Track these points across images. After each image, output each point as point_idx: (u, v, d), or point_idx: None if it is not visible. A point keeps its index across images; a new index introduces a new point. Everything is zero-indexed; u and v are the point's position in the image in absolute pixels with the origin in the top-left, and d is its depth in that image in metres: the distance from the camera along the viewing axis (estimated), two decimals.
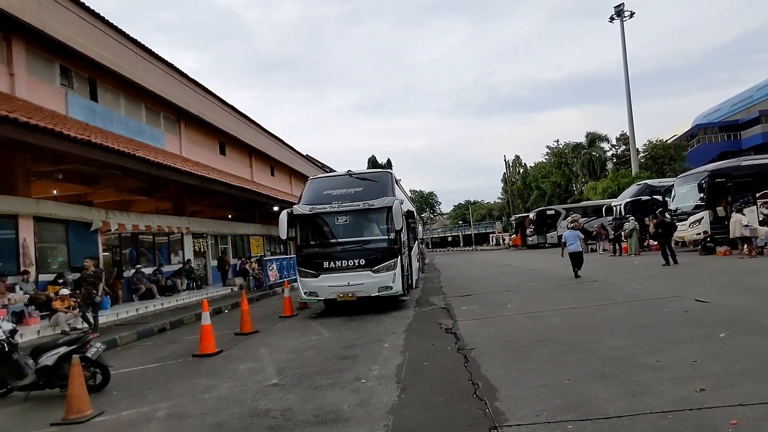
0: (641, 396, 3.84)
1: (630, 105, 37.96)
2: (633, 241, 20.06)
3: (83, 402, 4.75)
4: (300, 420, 4.14)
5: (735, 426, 3.13)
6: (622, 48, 37.69)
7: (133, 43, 17.10)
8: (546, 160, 60.32)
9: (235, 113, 25.71)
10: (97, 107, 15.91)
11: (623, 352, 5.15)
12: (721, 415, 3.32)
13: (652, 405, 3.62)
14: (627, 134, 43.27)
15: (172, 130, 20.68)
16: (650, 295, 8.95)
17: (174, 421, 4.44)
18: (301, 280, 10.72)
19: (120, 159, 12.14)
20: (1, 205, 10.81)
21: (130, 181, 15.84)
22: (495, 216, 79.62)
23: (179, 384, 5.82)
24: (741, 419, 3.21)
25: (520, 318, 7.99)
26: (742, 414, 3.29)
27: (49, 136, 9.77)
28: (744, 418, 3.22)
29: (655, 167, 39.54)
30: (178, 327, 11.12)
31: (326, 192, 11.00)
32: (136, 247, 16.53)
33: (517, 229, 44.06)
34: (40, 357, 5.62)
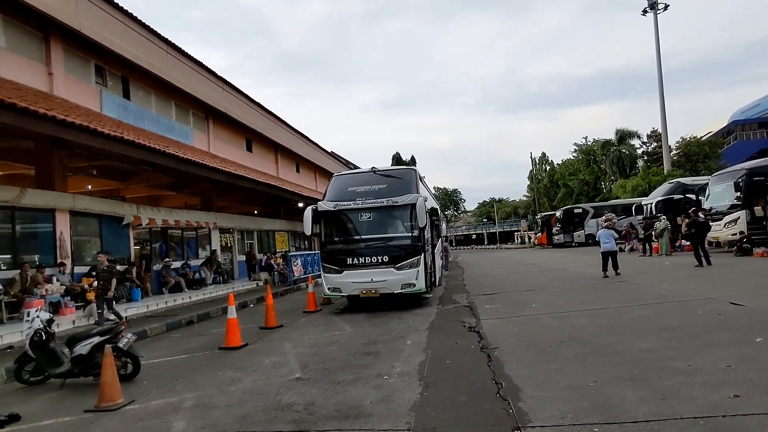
0: (671, 400, 3.73)
1: (663, 101, 36.85)
2: (664, 241, 19.49)
3: (115, 390, 4.92)
4: (323, 414, 4.18)
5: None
6: (655, 42, 36.57)
7: (164, 42, 17.49)
8: (574, 157, 59.18)
9: (261, 110, 26.05)
10: (129, 105, 16.35)
11: (652, 355, 5.02)
12: (755, 423, 3.20)
13: (682, 410, 3.51)
14: (659, 131, 42.10)
15: (201, 127, 21.09)
16: (682, 296, 8.69)
17: (200, 412, 4.54)
18: (325, 276, 10.80)
19: (151, 155, 12.46)
20: (41, 200, 11.26)
21: (160, 176, 16.26)
22: (520, 214, 78.63)
23: (206, 376, 5.95)
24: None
25: (545, 318, 7.87)
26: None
27: (85, 133, 10.11)
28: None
29: (688, 165, 38.35)
30: (205, 320, 11.36)
31: (350, 189, 11.05)
32: (166, 241, 16.95)
33: (542, 227, 43.35)
34: (75, 346, 5.84)
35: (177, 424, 4.24)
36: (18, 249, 11.03)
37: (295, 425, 3.99)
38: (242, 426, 4.07)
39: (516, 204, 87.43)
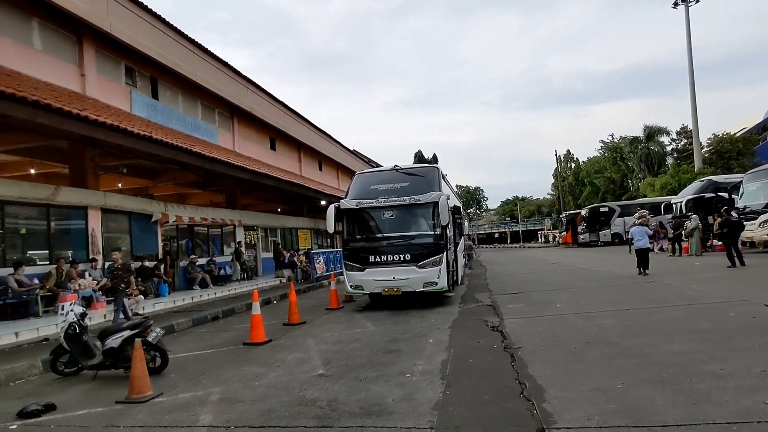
0: (702, 405, 3.63)
1: (694, 96, 35.79)
2: (695, 240, 18.94)
3: (144, 383, 5.05)
4: (346, 411, 4.21)
5: None
6: (686, 35, 35.54)
7: (191, 42, 17.83)
8: (600, 154, 58.01)
9: (284, 109, 26.32)
10: (157, 105, 16.73)
11: (682, 358, 4.89)
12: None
13: (714, 415, 3.42)
14: (689, 127, 40.90)
15: (226, 125, 21.43)
16: (713, 298, 8.43)
17: (226, 405, 4.63)
18: (348, 274, 10.86)
19: (178, 154, 12.73)
20: (74, 197, 11.65)
21: (187, 175, 16.60)
22: (544, 213, 77.46)
23: (231, 370, 6.06)
24: None
25: (570, 318, 7.74)
26: None
27: (116, 133, 10.40)
28: None
29: (720, 162, 37.16)
30: (230, 315, 11.56)
31: (373, 187, 11.07)
32: (192, 238, 17.32)
33: (567, 226, 42.64)
34: (107, 339, 6.03)
35: (204, 417, 4.34)
36: (53, 245, 11.42)
37: (319, 421, 4.03)
38: (267, 420, 4.13)
39: (540, 202, 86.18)
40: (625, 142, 51.79)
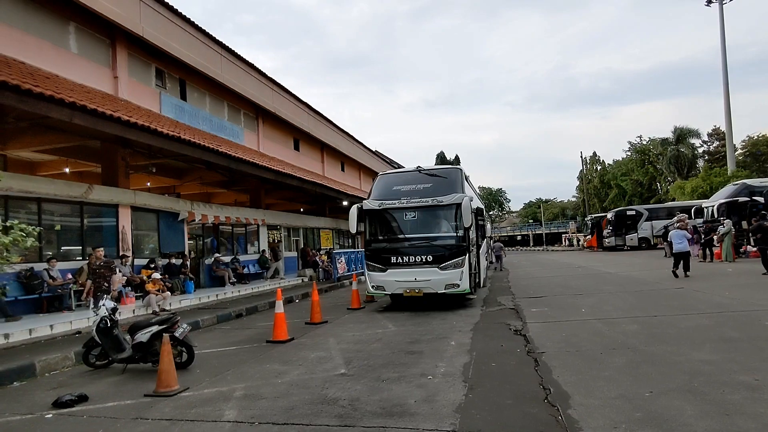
0: (734, 416, 3.53)
1: (727, 97, 34.69)
2: (727, 246, 18.36)
3: (172, 377, 5.18)
4: (367, 411, 4.23)
5: None
6: (720, 34, 34.50)
7: (218, 45, 18.16)
8: (627, 156, 56.79)
9: (308, 110, 26.55)
10: (185, 106, 17.09)
11: (712, 367, 4.76)
12: None
13: (747, 427, 3.32)
14: (722, 129, 39.72)
15: (251, 126, 21.75)
16: (746, 306, 8.17)
17: (249, 402, 4.71)
18: (369, 274, 10.89)
19: (205, 154, 12.98)
20: (106, 195, 12.02)
21: (212, 174, 16.90)
22: (568, 215, 76.23)
23: (254, 367, 6.15)
24: None
25: (595, 323, 7.61)
26: None
27: (146, 133, 10.68)
28: None
29: (755, 165, 36.01)
30: (253, 313, 11.73)
31: (395, 188, 11.08)
32: (217, 236, 17.62)
33: (592, 229, 41.84)
34: (136, 334, 6.20)
35: (228, 413, 4.42)
36: (85, 241, 11.78)
37: (340, 420, 4.06)
38: (289, 418, 4.19)
39: (564, 205, 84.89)
40: (654, 143, 50.64)
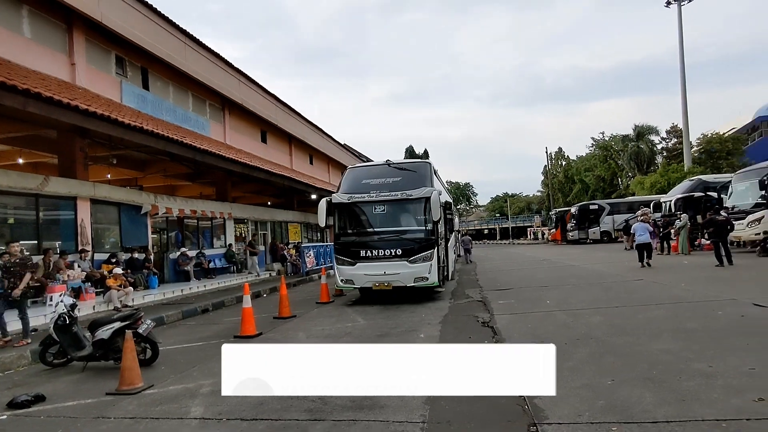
0: (691, 402, 3.68)
1: (685, 95, 36.11)
2: (683, 239, 19.18)
3: (135, 375, 5.02)
4: (337, 405, 4.21)
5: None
6: (678, 34, 35.78)
7: (183, 33, 17.61)
8: (590, 152, 58.42)
9: (276, 102, 26.14)
10: (148, 95, 16.53)
11: (671, 356, 4.95)
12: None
13: (703, 413, 3.47)
14: (679, 126, 41.33)
15: (217, 117, 21.25)
16: (701, 297, 8.55)
17: (217, 398, 4.61)
18: (338, 268, 10.85)
19: (169, 145, 12.61)
20: (64, 187, 11.50)
21: (177, 166, 16.46)
22: (534, 209, 77.96)
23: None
24: None
25: (560, 315, 7.81)
26: None
27: (106, 123, 10.28)
28: None
29: (709, 162, 37.57)
30: (220, 308, 11.51)
31: (365, 181, 11.05)
32: (181, 230, 17.18)
33: (557, 223, 42.94)
34: (97, 331, 5.98)
35: (195, 409, 4.33)
36: (41, 235, 11.26)
37: (310, 414, 4.03)
38: (258, 413, 4.13)
39: (529, 199, 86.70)
40: (616, 140, 52.22)
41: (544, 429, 3.44)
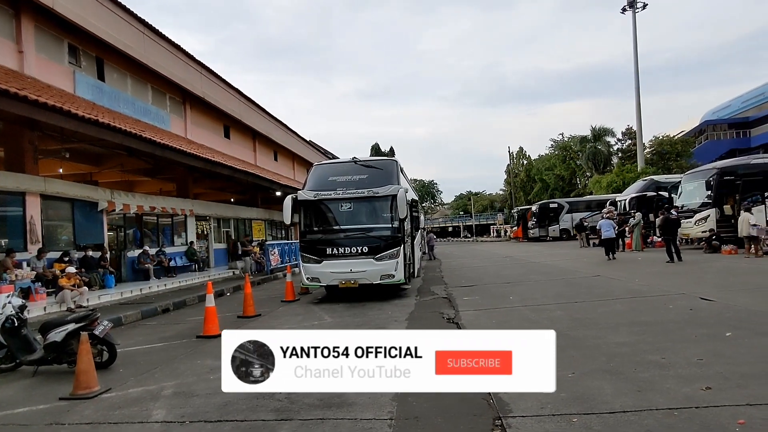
0: (647, 393, 3.86)
1: (638, 99, 37.59)
2: (637, 236, 20.03)
3: (91, 378, 4.81)
4: (305, 403, 4.17)
5: (742, 426, 3.15)
6: (633, 40, 37.22)
7: (140, 22, 16.99)
8: (550, 152, 60.07)
9: (240, 96, 25.62)
10: (104, 87, 15.87)
11: (628, 349, 5.17)
12: (727, 414, 3.34)
13: (657, 402, 3.64)
14: (633, 128, 43.03)
15: (178, 111, 20.63)
16: (654, 291, 8.96)
17: (181, 400, 4.49)
18: (304, 266, 10.75)
19: (126, 139, 12.15)
20: (10, 182, 10.87)
21: (135, 161, 15.88)
22: (497, 207, 79.50)
23: (184, 364, 5.88)
24: (748, 419, 3.24)
25: (523, 310, 8.01)
26: (749, 414, 3.32)
27: (58, 115, 9.78)
28: (751, 418, 3.25)
29: (661, 163, 39.35)
30: (181, 308, 11.20)
31: (331, 178, 11.00)
32: (140, 227, 16.60)
33: (518, 221, 44.00)
34: (49, 333, 5.69)
35: (157, 412, 4.19)
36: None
37: (278, 414, 3.98)
38: (223, 414, 4.05)
39: (493, 197, 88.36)
40: (575, 141, 53.90)
41: (509, 422, 3.52)
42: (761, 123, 45.26)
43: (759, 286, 8.95)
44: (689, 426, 3.22)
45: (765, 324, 5.91)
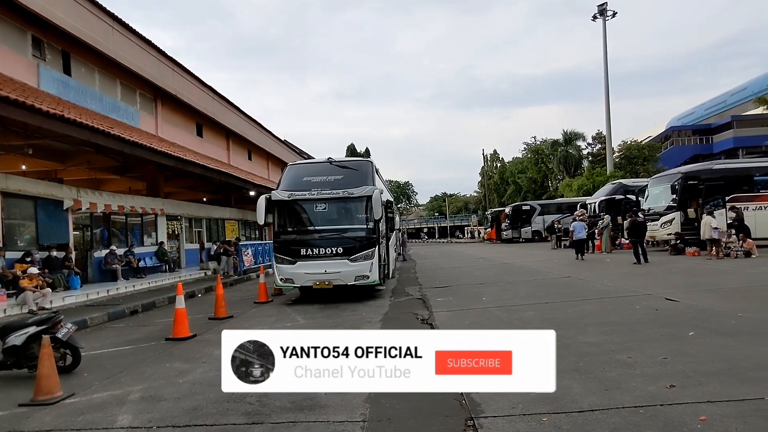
0: (614, 391, 3.96)
1: (608, 104, 38.67)
2: (606, 238, 20.54)
3: (53, 383, 4.64)
4: (276, 406, 4.12)
5: (703, 422, 3.26)
6: (603, 47, 38.29)
7: (110, 16, 16.52)
8: (523, 155, 61.12)
9: (213, 94, 25.18)
10: (70, 81, 15.36)
11: (596, 348, 5.29)
12: (689, 412, 3.45)
13: (623, 400, 3.74)
14: (603, 133, 44.17)
15: (149, 108, 20.13)
16: (621, 292, 9.19)
17: (148, 404, 4.37)
18: (278, 267, 10.63)
19: (93, 136, 11.78)
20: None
21: (103, 159, 15.40)
22: (471, 209, 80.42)
23: (153, 367, 5.72)
24: (709, 416, 3.35)
25: (496, 311, 8.11)
26: (710, 411, 3.44)
27: (20, 110, 9.40)
28: (712, 415, 3.36)
29: (629, 167, 40.50)
30: (151, 309, 10.92)
31: (306, 179, 10.91)
32: (108, 227, 16.11)
33: (492, 222, 44.60)
34: (8, 336, 5.44)
35: (122, 418, 4.07)
36: None
37: (248, 417, 3.92)
38: (192, 419, 3.96)
39: (467, 199, 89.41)
40: (546, 144, 55.02)
41: (481, 422, 3.56)
42: (723, 130, 47.14)
43: (719, 287, 9.30)
44: (654, 423, 3.31)
45: (724, 323, 6.13)
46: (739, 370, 4.30)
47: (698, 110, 55.32)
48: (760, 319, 6.28)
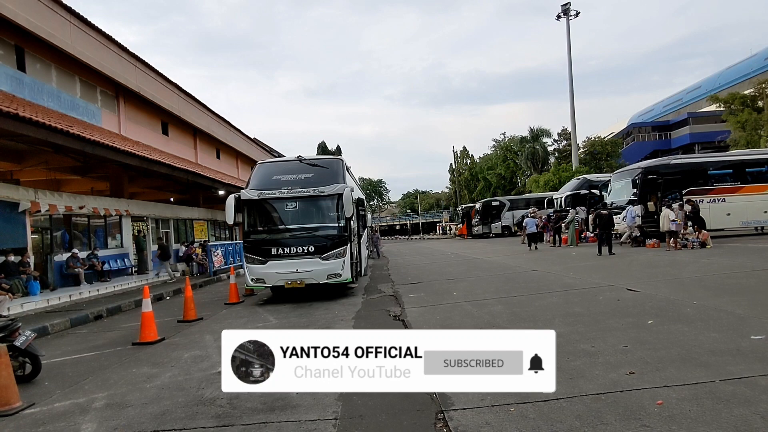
0: (577, 380, 4.10)
1: (572, 102, 39.64)
2: (571, 232, 21.11)
3: (11, 393, 4.47)
4: (248, 408, 4.10)
5: (660, 406, 3.42)
6: (567, 46, 39.19)
7: (66, 10, 15.88)
8: (492, 152, 62.08)
9: (179, 92, 24.56)
10: (24, 78, 14.72)
11: (561, 339, 5.41)
12: (647, 397, 3.62)
13: (587, 388, 3.88)
14: (568, 130, 45.31)
15: (110, 106, 19.49)
16: (586, 284, 9.48)
17: (113, 411, 4.27)
18: (248, 267, 10.50)
19: (51, 135, 11.32)
20: None
21: (62, 158, 14.84)
22: (443, 205, 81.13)
23: (118, 373, 5.58)
24: (665, 400, 3.52)
25: (466, 306, 8.23)
26: (666, 395, 3.61)
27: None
28: (668, 399, 3.54)
29: (593, 163, 41.71)
30: (116, 314, 10.63)
31: (276, 177, 10.82)
32: (69, 229, 15.54)
33: (463, 218, 45.13)
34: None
35: (86, 426, 3.96)
36: None
37: (218, 420, 3.88)
38: (161, 424, 3.89)
39: (438, 196, 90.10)
40: (514, 141, 56.05)
41: (451, 415, 3.63)
42: (680, 126, 49.07)
43: (676, 277, 9.71)
44: (614, 409, 3.46)
45: (681, 312, 6.41)
46: (694, 355, 4.52)
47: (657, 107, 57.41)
48: (712, 306, 6.59)
